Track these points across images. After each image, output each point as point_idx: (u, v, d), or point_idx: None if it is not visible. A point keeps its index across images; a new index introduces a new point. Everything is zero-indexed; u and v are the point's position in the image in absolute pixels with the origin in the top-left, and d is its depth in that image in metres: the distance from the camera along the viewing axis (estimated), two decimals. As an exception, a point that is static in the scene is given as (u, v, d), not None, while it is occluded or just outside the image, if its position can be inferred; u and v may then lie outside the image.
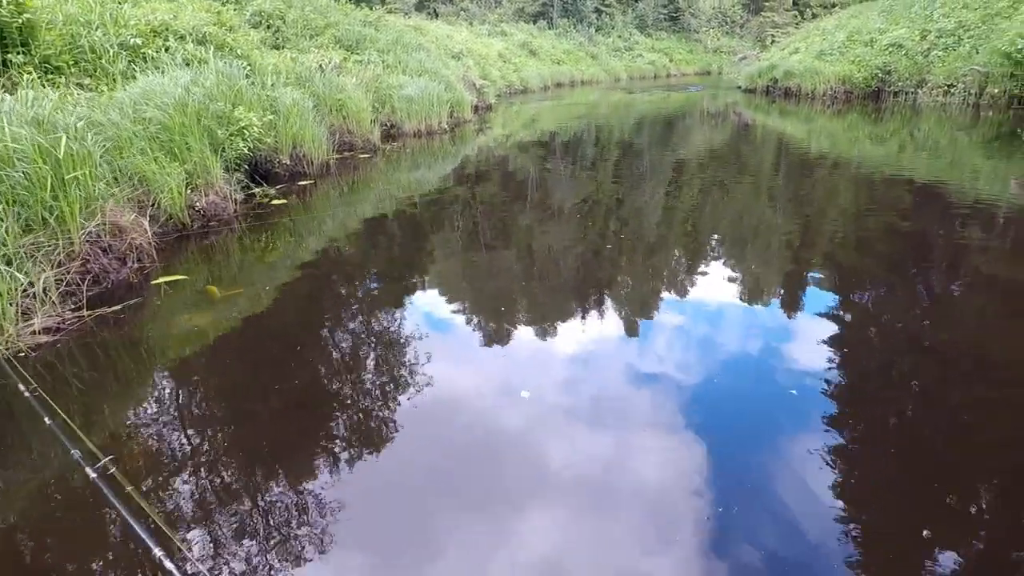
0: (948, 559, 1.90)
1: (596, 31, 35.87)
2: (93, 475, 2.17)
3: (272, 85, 7.53)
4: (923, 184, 7.27)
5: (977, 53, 12.43)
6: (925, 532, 1.99)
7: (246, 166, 6.47)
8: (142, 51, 6.23)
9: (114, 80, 5.77)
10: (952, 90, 12.86)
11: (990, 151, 8.99)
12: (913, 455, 2.36)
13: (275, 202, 6.28)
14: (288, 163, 7.35)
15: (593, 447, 2.46)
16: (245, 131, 6.27)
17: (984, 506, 2.13)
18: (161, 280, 4.07)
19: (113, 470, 2.24)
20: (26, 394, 2.69)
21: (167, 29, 6.66)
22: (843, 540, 1.97)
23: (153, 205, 4.94)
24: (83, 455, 2.29)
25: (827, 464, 2.32)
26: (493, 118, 15.58)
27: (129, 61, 6.22)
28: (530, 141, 11.91)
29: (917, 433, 2.54)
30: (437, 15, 29.28)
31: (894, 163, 8.73)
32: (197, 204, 5.25)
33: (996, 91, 11.81)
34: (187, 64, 6.39)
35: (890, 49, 14.68)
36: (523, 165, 9.33)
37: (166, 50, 6.46)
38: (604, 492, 2.21)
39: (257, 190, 6.45)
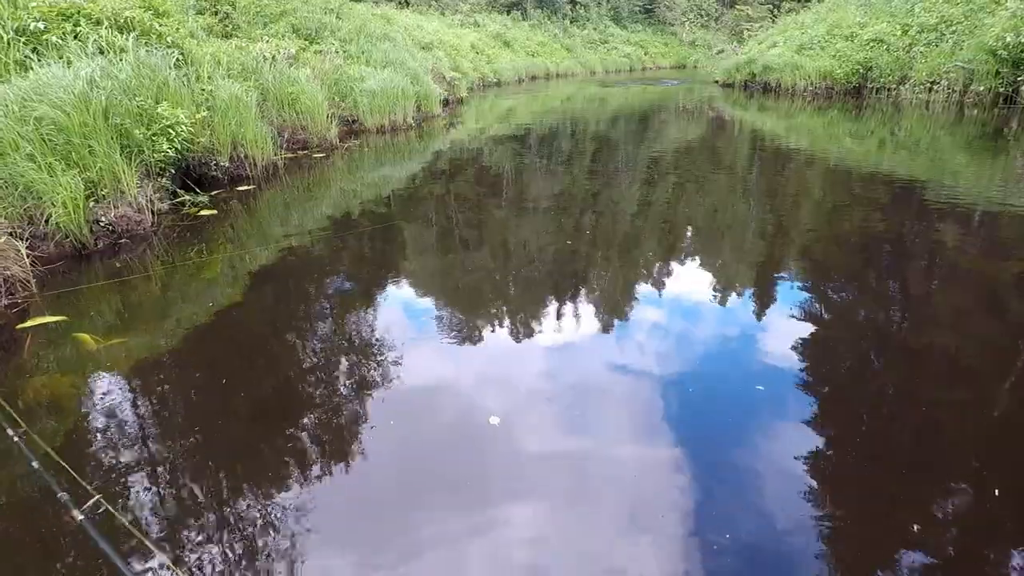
0: (915, 551, 1.91)
1: (571, 23, 35.17)
2: None
3: (209, 77, 6.72)
4: (901, 184, 6.88)
5: (960, 49, 12.07)
6: (894, 526, 2.01)
7: (172, 170, 5.67)
8: (44, 37, 5.37)
9: (8, 71, 4.92)
10: (935, 87, 12.49)
11: (972, 151, 8.59)
12: (882, 449, 2.36)
13: (204, 212, 5.49)
14: (227, 166, 6.57)
15: (571, 447, 2.42)
16: (171, 130, 5.48)
17: (952, 500, 2.13)
18: (29, 324, 3.28)
19: None
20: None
21: (79, 12, 5.78)
22: (814, 533, 1.98)
23: (45, 221, 4.16)
24: None
25: (796, 460, 2.32)
26: (465, 112, 14.83)
27: (32, 49, 5.36)
28: (504, 135, 11.21)
29: (886, 428, 2.52)
30: (408, 4, 28.25)
31: (873, 162, 8.31)
32: (103, 218, 4.46)
33: (981, 89, 11.46)
34: (102, 53, 5.55)
35: (871, 44, 14.28)
36: (495, 163, 8.62)
37: (76, 37, 5.60)
38: (583, 491, 2.19)
39: (187, 197, 5.66)
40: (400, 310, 3.84)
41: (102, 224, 4.44)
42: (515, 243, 5.20)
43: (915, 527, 1.99)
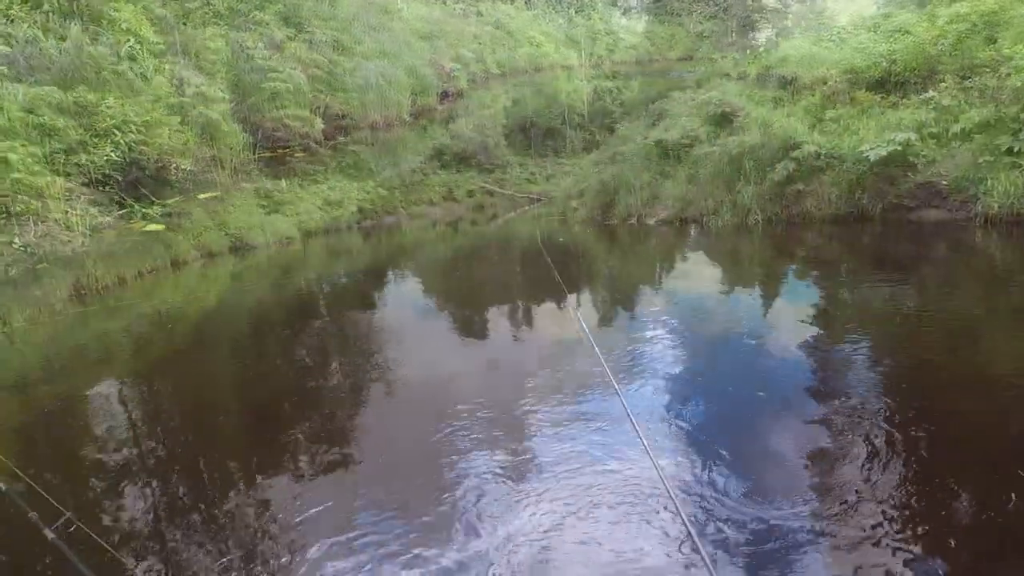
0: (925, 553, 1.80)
1: (576, 13, 34.22)
2: None
3: (171, 69, 5.98)
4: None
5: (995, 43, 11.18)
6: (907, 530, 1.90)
7: (119, 177, 4.92)
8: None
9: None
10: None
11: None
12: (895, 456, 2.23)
13: (151, 227, 4.74)
14: (191, 169, 5.79)
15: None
16: (117, 131, 4.76)
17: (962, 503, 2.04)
18: None
19: None
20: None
21: (13, -4, 5.05)
22: (823, 528, 1.91)
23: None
24: None
25: (809, 469, 2.22)
26: (466, 107, 14.02)
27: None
28: (503, 131, 10.46)
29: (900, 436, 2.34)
30: (408, -8, 27.35)
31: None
32: (17, 240, 3.74)
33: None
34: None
35: (896, 36, 13.39)
36: (493, 159, 7.88)
37: (11, 21, 4.87)
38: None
39: (136, 207, 4.92)
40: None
41: (16, 247, 3.73)
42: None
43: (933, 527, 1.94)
